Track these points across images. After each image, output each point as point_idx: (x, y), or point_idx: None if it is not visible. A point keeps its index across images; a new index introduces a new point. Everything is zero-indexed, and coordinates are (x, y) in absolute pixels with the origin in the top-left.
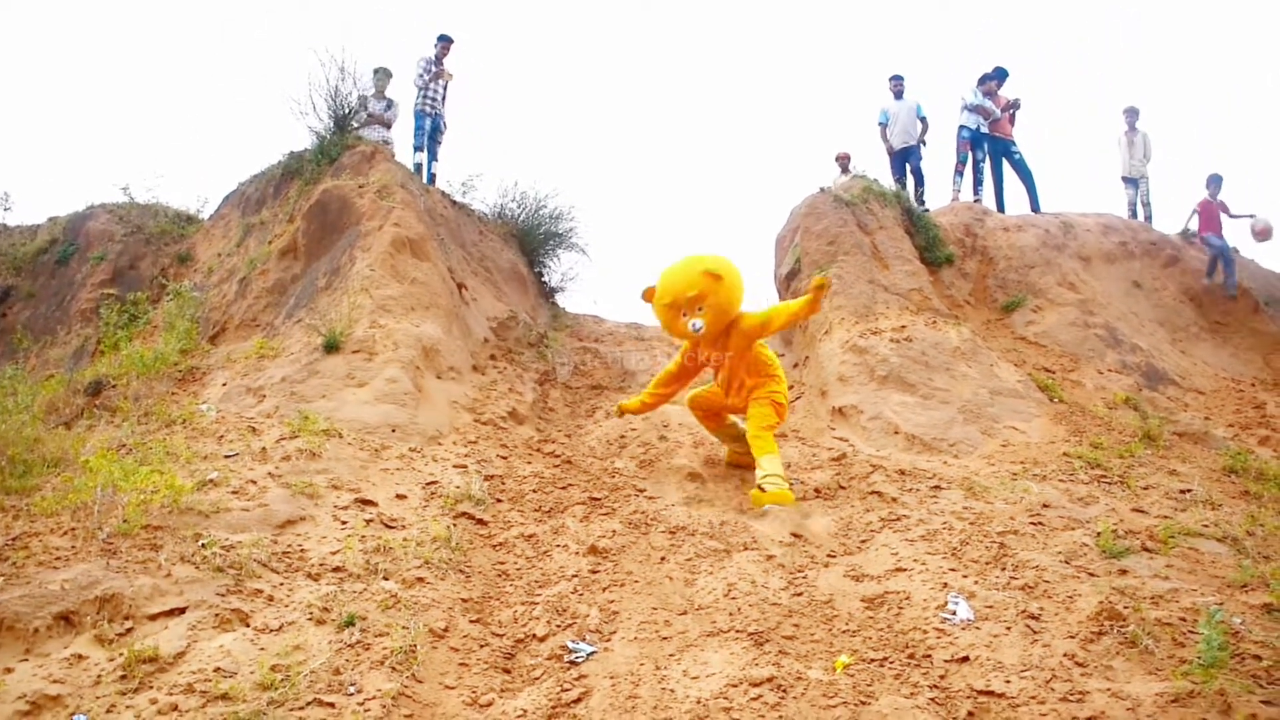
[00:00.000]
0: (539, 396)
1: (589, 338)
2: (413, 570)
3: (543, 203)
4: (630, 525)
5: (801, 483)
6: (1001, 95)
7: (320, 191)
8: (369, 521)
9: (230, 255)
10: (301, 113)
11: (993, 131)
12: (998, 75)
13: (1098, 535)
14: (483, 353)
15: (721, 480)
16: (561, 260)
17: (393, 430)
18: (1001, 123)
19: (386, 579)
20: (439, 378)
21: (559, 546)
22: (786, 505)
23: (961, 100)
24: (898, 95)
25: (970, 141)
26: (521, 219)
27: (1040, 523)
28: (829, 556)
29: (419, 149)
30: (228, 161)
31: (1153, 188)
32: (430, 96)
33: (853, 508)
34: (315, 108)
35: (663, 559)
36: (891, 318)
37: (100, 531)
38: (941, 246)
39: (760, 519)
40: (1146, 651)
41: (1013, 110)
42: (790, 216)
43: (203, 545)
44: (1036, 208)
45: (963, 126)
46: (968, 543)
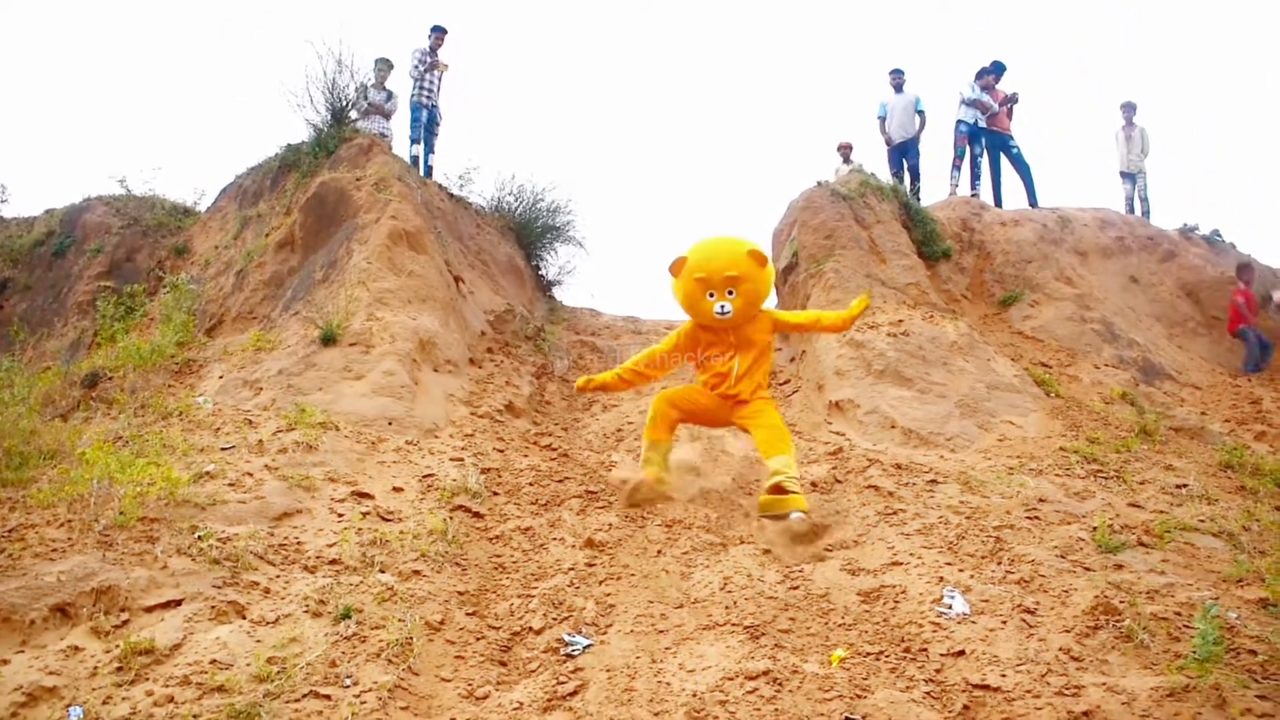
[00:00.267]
0: (536, 390)
1: (586, 331)
2: (409, 563)
3: (540, 196)
4: (627, 519)
5: (798, 477)
6: (999, 90)
7: (317, 184)
8: (365, 514)
9: (227, 248)
10: (299, 105)
11: (990, 126)
12: (995, 70)
13: (1094, 530)
14: (480, 346)
15: (718, 474)
16: (559, 253)
17: (389, 423)
18: (999, 117)
19: (383, 571)
20: (436, 371)
21: (555, 540)
22: (800, 510)
23: (959, 95)
24: (897, 89)
25: (968, 136)
26: (519, 212)
27: (1036, 517)
28: (826, 550)
29: (415, 141)
30: (225, 154)
31: (1150, 183)
32: (426, 88)
33: (849, 502)
34: (312, 100)
35: (659, 552)
36: (889, 312)
37: (96, 523)
38: (939, 241)
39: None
40: (1142, 646)
41: (1010, 105)
42: (787, 210)
43: (199, 537)
44: (1034, 202)
45: (960, 121)
46: (964, 537)
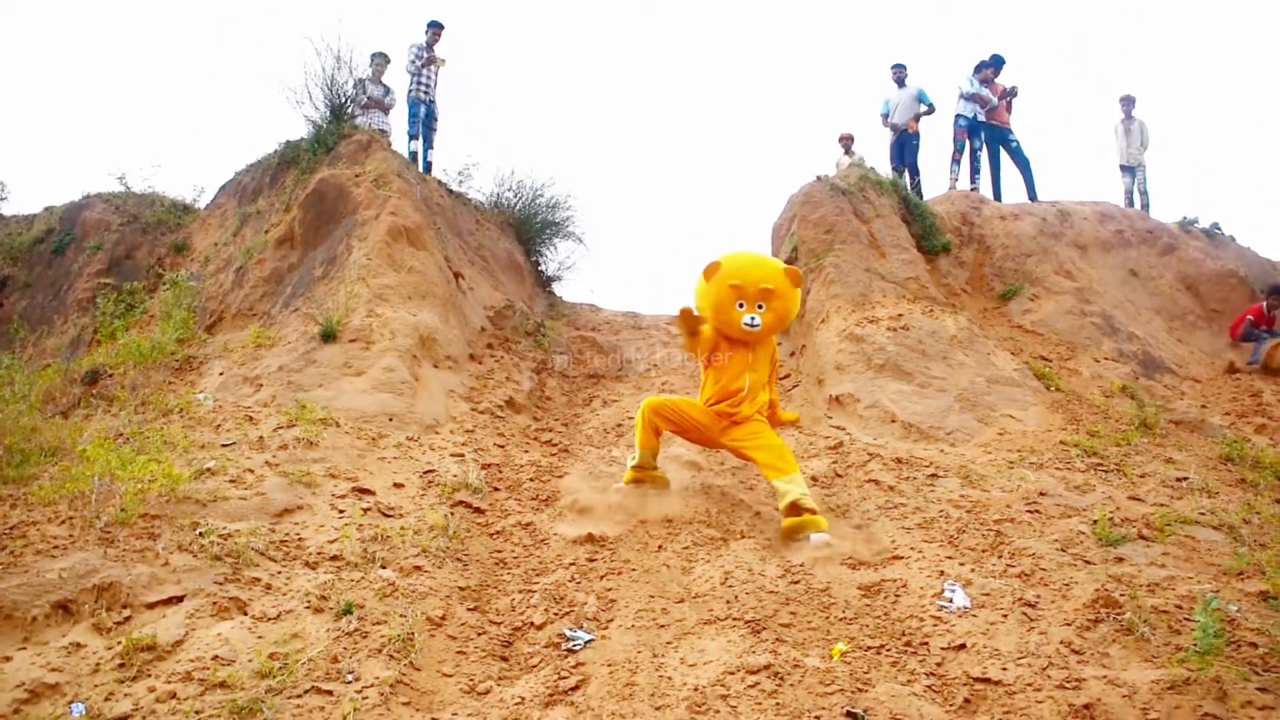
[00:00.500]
0: (536, 385)
1: (586, 327)
2: (410, 559)
3: (539, 191)
4: (628, 514)
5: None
6: (998, 83)
7: (317, 180)
8: (366, 510)
9: (227, 245)
10: (298, 102)
11: (990, 120)
12: (994, 63)
13: (1094, 523)
14: (479, 342)
15: (719, 469)
16: (558, 249)
17: (390, 419)
18: (999, 111)
19: (384, 567)
20: (436, 367)
21: (556, 535)
22: (820, 531)
23: (958, 89)
24: (900, 83)
25: (967, 130)
26: (518, 208)
27: (1037, 511)
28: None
29: (414, 137)
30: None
31: (1150, 176)
32: (423, 83)
33: (850, 496)
34: (311, 97)
35: (660, 547)
36: (888, 306)
37: (98, 520)
38: (938, 235)
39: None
40: (1143, 639)
41: (1009, 98)
42: (787, 205)
43: (200, 534)
44: (1033, 196)
45: (959, 115)
46: (964, 531)
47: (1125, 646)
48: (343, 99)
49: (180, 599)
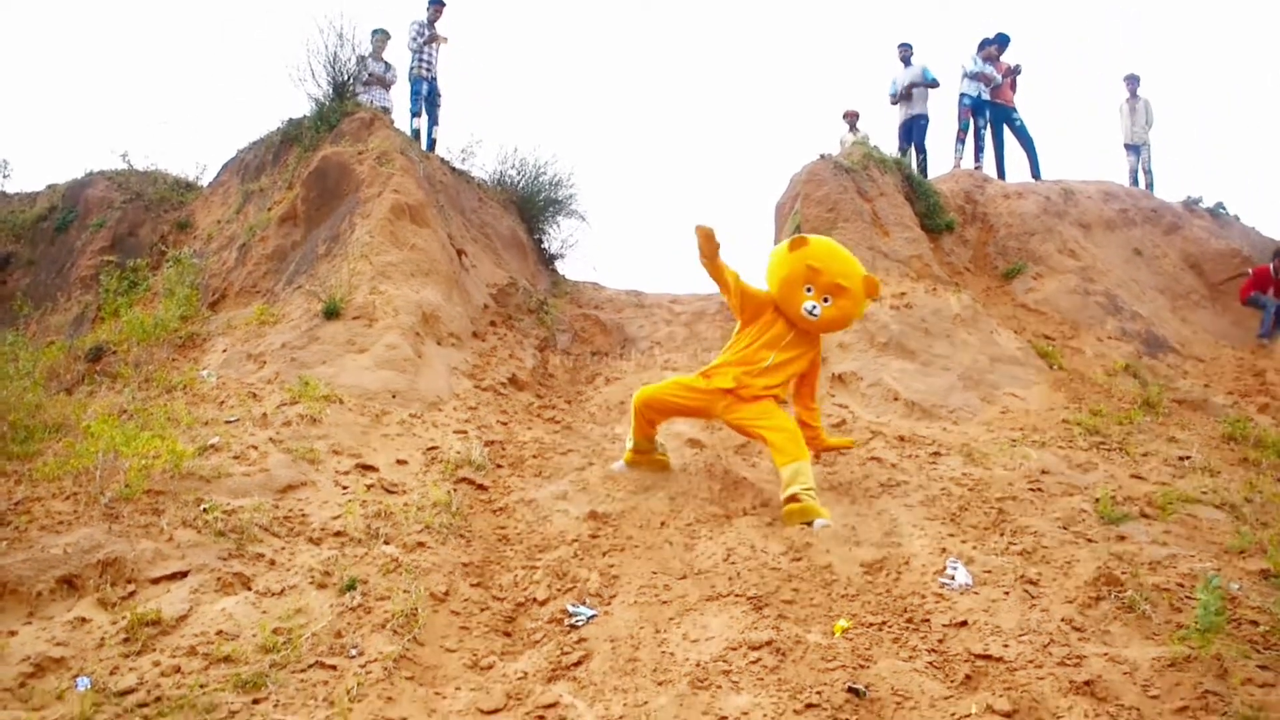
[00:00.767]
0: (539, 363)
1: (589, 304)
2: (414, 535)
3: (542, 169)
4: (630, 490)
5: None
6: (1002, 61)
7: (319, 158)
8: (370, 486)
9: (230, 222)
10: (300, 79)
11: (994, 98)
12: (999, 41)
13: (1096, 501)
14: (482, 319)
15: (722, 446)
16: (561, 227)
17: (393, 396)
18: (1003, 89)
19: (387, 543)
20: (439, 344)
21: (559, 511)
22: (822, 519)
23: (962, 67)
24: (906, 62)
25: (971, 108)
26: (521, 185)
27: (1039, 489)
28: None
29: (416, 114)
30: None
31: (1154, 155)
32: (425, 60)
33: (852, 474)
34: (314, 74)
35: (662, 524)
36: (892, 284)
37: (102, 496)
38: (942, 213)
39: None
40: (1144, 617)
41: (1014, 76)
42: (790, 183)
43: (204, 510)
44: (1037, 174)
45: (964, 94)
46: (966, 508)
47: (1126, 624)
48: (345, 76)
49: (184, 574)
